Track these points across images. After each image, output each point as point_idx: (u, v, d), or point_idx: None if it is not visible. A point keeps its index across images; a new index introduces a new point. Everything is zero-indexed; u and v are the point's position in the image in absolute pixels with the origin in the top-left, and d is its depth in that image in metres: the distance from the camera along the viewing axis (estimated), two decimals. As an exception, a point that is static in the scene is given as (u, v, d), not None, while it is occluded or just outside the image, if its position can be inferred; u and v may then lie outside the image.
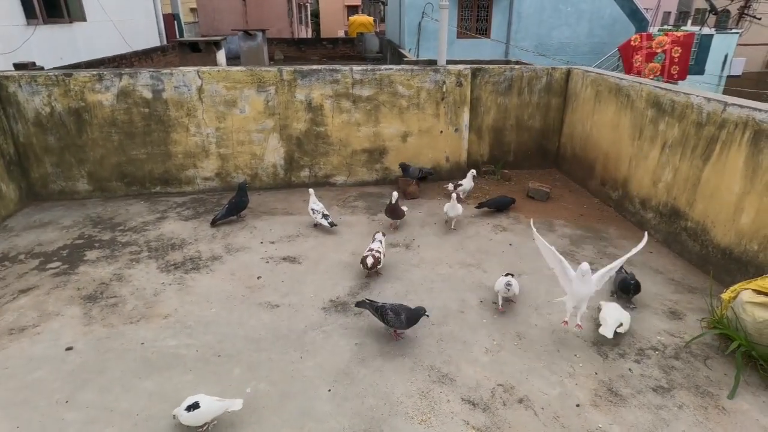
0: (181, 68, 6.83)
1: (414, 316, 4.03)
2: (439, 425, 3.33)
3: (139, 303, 4.68)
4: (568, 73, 7.94)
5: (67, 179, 6.97)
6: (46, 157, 6.79)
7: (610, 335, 4.04)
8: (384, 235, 5.42)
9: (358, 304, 4.34)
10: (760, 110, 4.61)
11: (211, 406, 3.19)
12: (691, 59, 18.01)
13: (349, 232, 6.20)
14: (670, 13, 44.95)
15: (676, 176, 5.65)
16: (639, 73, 16.02)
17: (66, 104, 6.58)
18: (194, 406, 3.12)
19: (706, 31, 25.83)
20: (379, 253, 5.05)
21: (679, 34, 16.44)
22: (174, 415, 3.19)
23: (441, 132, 7.66)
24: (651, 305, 4.70)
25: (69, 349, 4.05)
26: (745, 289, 4.02)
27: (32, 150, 6.72)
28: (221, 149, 7.21)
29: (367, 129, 7.45)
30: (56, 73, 6.55)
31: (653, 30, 22.95)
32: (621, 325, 4.16)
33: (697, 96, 5.34)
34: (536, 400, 3.57)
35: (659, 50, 15.94)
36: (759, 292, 3.90)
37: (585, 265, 3.92)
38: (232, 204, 6.32)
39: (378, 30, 34.03)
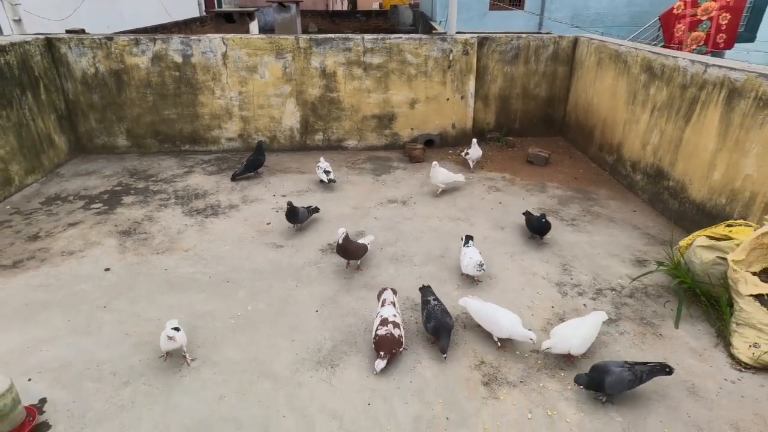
0: (208, 35, 7.48)
1: (441, 330, 3.66)
2: (406, 338, 3.92)
3: (164, 239, 5.44)
4: (576, 41, 8.14)
5: (108, 135, 7.81)
6: (91, 114, 7.63)
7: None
8: (395, 293, 4.08)
9: (421, 289, 4.14)
10: (735, 69, 4.86)
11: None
12: (741, 25, 16.95)
13: (354, 189, 6.78)
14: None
15: (662, 138, 5.94)
16: (680, 44, 15.42)
17: (108, 66, 7.36)
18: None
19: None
20: (398, 327, 3.65)
21: None
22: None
23: (447, 99, 8.07)
24: (620, 255, 5.11)
25: (107, 270, 4.85)
26: (700, 236, 4.39)
27: (79, 107, 7.56)
28: (243, 112, 7.87)
29: (377, 96, 7.94)
30: (99, 37, 7.32)
31: (701, -5, 21.96)
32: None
33: (684, 59, 5.58)
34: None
35: (705, 17, 15.16)
36: (711, 238, 4.27)
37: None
38: (250, 161, 7.00)
39: (412, 2, 33.88)
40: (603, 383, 3.19)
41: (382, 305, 3.91)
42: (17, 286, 4.58)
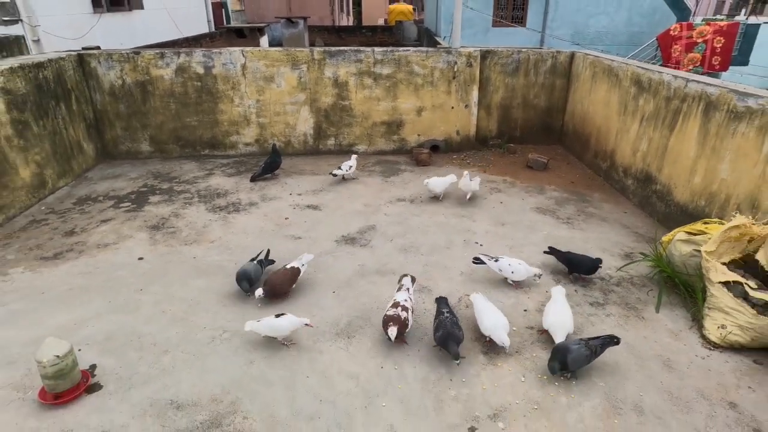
0: (229, 48, 8.05)
1: (448, 340, 3.72)
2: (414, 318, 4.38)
3: (191, 232, 5.93)
4: (572, 56, 8.68)
5: (132, 141, 8.35)
6: (117, 122, 8.17)
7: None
8: (414, 280, 4.41)
9: (438, 300, 4.26)
10: (711, 85, 5.37)
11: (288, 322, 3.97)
12: (734, 49, 17.74)
13: (364, 189, 7.28)
14: (724, 1, 43.40)
15: (650, 146, 6.42)
16: (677, 63, 16.06)
17: (134, 77, 7.92)
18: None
19: (753, 20, 25.23)
20: (406, 311, 3.94)
21: (722, 23, 16.32)
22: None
23: (452, 108, 8.59)
24: (610, 249, 5.57)
25: (140, 259, 5.34)
26: (680, 232, 4.85)
27: (106, 116, 8.11)
28: (260, 119, 8.41)
29: (386, 103, 8.47)
30: (127, 52, 7.89)
31: (695, 20, 22.70)
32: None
33: (667, 74, 6.09)
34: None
35: (700, 40, 15.88)
36: (689, 233, 4.73)
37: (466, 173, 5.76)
38: (267, 164, 7.52)
39: (417, 18, 34.72)
40: (566, 361, 3.57)
41: (398, 290, 4.30)
42: (59, 274, 5.06)
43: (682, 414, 3.41)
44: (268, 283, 4.52)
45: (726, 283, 4.09)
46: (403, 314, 3.93)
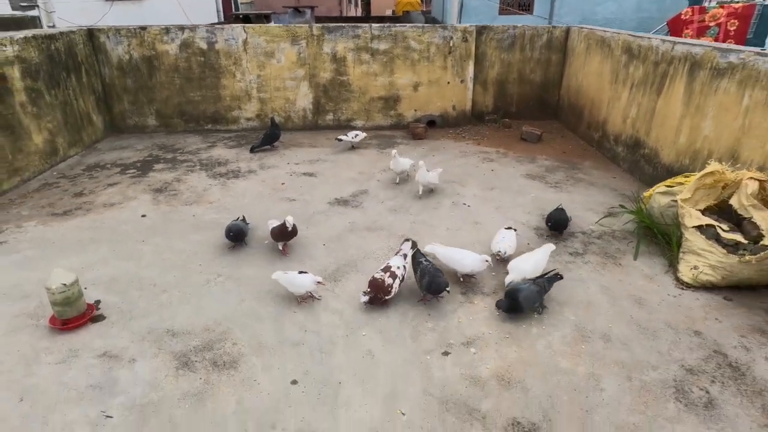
0: (231, 24, 8.29)
1: (435, 286, 3.84)
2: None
3: (192, 194, 6.20)
4: (568, 30, 8.80)
5: (139, 115, 8.64)
6: (124, 96, 8.47)
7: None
8: (414, 245, 4.31)
9: (413, 255, 4.19)
10: (696, 45, 5.49)
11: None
12: (749, 32, 17.42)
13: (360, 159, 7.50)
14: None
15: (639, 111, 6.56)
16: (688, 48, 15.94)
17: (141, 52, 8.21)
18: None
19: (769, 2, 24.82)
20: (394, 278, 3.92)
21: (736, 5, 16.10)
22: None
23: (448, 83, 8.76)
24: (594, 209, 5.73)
25: (143, 216, 5.62)
26: (660, 186, 5.01)
27: (114, 90, 8.41)
28: (261, 94, 8.65)
29: (383, 79, 8.67)
30: (134, 27, 8.17)
31: (709, 3, 22.42)
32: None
33: (656, 39, 6.22)
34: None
35: (713, 24, 15.66)
36: (668, 186, 4.89)
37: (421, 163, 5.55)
38: (267, 135, 7.76)
39: (424, 9, 34.73)
40: (518, 301, 3.71)
41: (396, 254, 4.27)
42: (69, 227, 5.36)
43: (647, 341, 3.59)
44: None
45: (699, 227, 4.25)
46: (389, 281, 3.87)
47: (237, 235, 4.86)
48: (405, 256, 4.25)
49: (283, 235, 4.74)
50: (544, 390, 3.17)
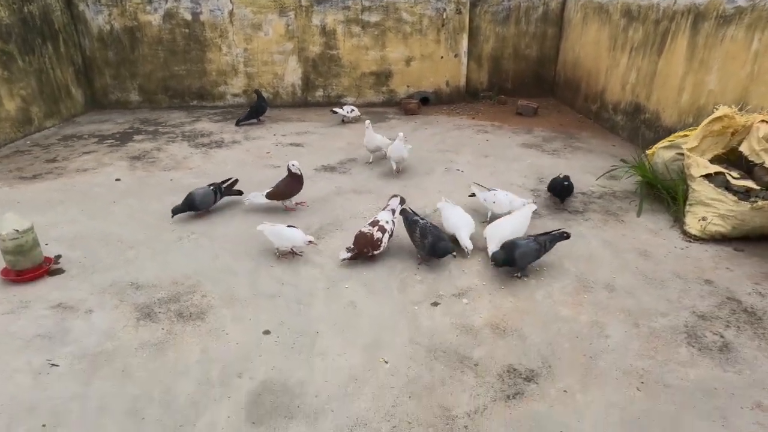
0: (216, -6, 8.00)
1: (440, 250, 3.50)
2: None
3: (171, 161, 5.88)
4: (564, 2, 8.53)
5: (122, 90, 8.33)
6: (106, 70, 8.15)
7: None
8: (403, 201, 4.08)
9: (402, 212, 3.93)
10: (700, -3, 5.25)
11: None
12: None
13: (350, 132, 7.20)
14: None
15: (638, 75, 6.29)
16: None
17: (122, 23, 7.90)
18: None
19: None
20: (383, 233, 3.63)
21: None
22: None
23: (442, 57, 8.48)
24: (594, 172, 5.43)
25: (118, 180, 5.31)
26: (664, 142, 4.73)
27: (95, 63, 8.10)
28: (248, 68, 8.35)
29: (374, 53, 8.38)
30: (115, -4, 7.88)
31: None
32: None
33: (656, -4, 5.97)
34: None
35: None
36: (671, 141, 4.61)
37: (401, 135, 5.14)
38: (254, 108, 7.46)
39: None
40: (513, 256, 3.34)
41: (384, 209, 4.02)
42: (38, 190, 5.05)
43: (654, 290, 3.30)
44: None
45: (708, 176, 3.97)
46: (378, 234, 3.62)
47: (191, 205, 4.36)
48: (393, 211, 3.95)
49: (291, 185, 4.47)
50: (544, 338, 2.87)
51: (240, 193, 4.79)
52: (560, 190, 4.56)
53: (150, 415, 2.35)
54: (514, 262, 3.39)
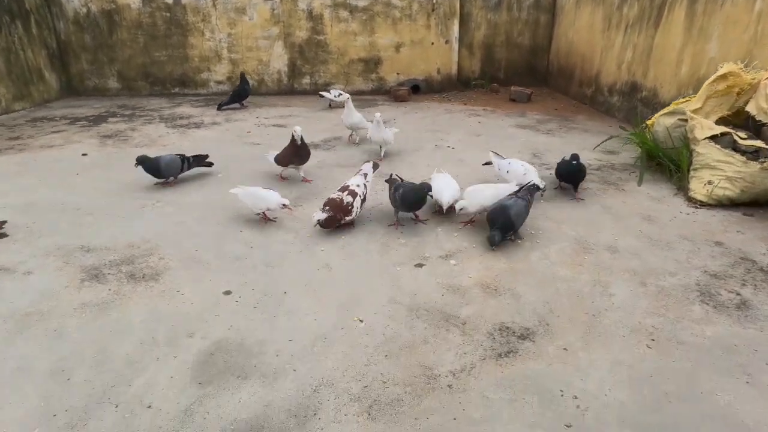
0: (197, -24, 7.73)
1: (408, 196, 3.27)
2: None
3: (145, 140, 5.55)
4: (557, -11, 8.35)
5: (100, 77, 8.01)
6: (82, 55, 7.84)
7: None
8: (376, 166, 3.88)
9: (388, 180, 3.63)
10: (698, -39, 5.02)
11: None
12: None
13: (335, 116, 6.79)
14: None
15: (634, 53, 6.06)
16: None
17: (100, 6, 7.60)
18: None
19: None
20: (354, 196, 3.33)
21: None
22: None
23: (432, 43, 8.24)
24: (590, 148, 5.15)
25: (84, 155, 4.97)
26: (663, 110, 4.47)
27: (71, 47, 7.78)
28: (232, 54, 8.06)
29: (363, 39, 8.13)
30: (92, -24, 7.59)
31: None
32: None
33: (652, -30, 5.75)
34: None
35: None
36: (672, 108, 4.34)
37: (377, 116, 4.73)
38: (236, 92, 7.16)
39: None
40: (510, 219, 2.98)
41: (356, 174, 3.74)
42: (-7, 164, 4.70)
43: (660, 251, 2.99)
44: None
45: (713, 138, 3.68)
46: (348, 199, 3.28)
47: (155, 171, 4.05)
48: (365, 175, 3.64)
49: (291, 152, 4.13)
50: (540, 297, 2.55)
51: (210, 164, 4.47)
52: (572, 174, 3.81)
53: (78, 375, 2.00)
54: (511, 225, 3.01)
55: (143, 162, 4.00)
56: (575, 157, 3.77)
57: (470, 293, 2.57)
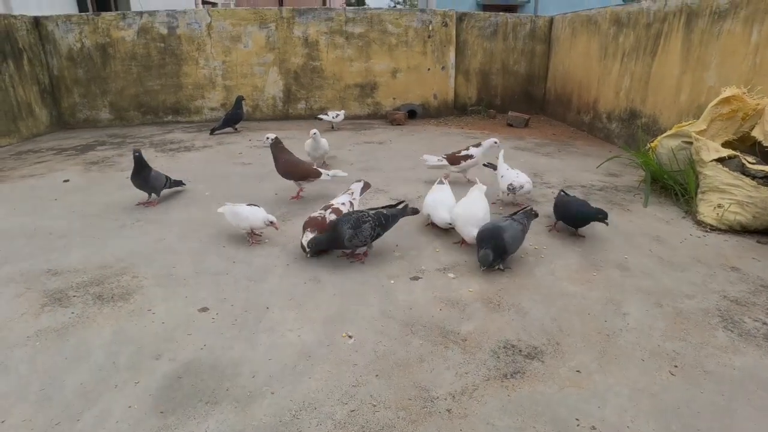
0: (194, 7, 7.77)
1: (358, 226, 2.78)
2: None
3: (131, 164, 5.32)
4: (551, 20, 8.42)
5: (91, 108, 7.90)
6: (75, 88, 7.74)
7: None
8: (366, 187, 3.63)
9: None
10: (690, -6, 5.02)
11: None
12: None
13: (332, 137, 6.70)
14: None
15: (632, 80, 6.01)
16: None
17: (94, 40, 7.57)
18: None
19: None
20: (336, 215, 3.08)
21: None
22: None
23: (428, 69, 8.23)
24: (591, 171, 5.00)
25: (66, 181, 4.77)
26: (666, 133, 4.34)
27: (64, 82, 7.69)
28: (226, 81, 8.02)
29: (359, 64, 8.12)
30: (87, 14, 7.59)
31: None
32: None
33: (645, 1, 5.75)
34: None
35: None
36: (675, 131, 4.22)
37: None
38: (229, 116, 7.06)
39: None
40: (503, 243, 2.62)
41: (343, 193, 3.55)
42: (-31, 192, 4.48)
43: (674, 272, 2.77)
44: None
45: (720, 160, 3.52)
46: (331, 217, 3.04)
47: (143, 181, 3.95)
48: (352, 193, 3.44)
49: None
50: (547, 313, 2.31)
51: (181, 183, 4.32)
52: (573, 217, 3.23)
53: (15, 416, 1.73)
54: (504, 249, 2.64)
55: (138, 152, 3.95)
56: (565, 194, 3.45)
57: (471, 308, 2.34)
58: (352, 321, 2.23)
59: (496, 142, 4.35)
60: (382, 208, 2.96)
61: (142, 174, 3.90)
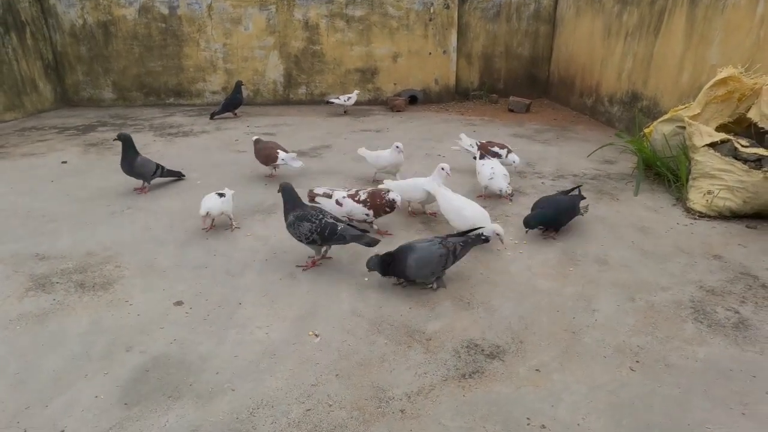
0: (194, -12, 7.70)
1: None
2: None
3: (128, 148, 5.43)
4: (557, 0, 8.21)
5: (95, 87, 7.96)
6: (78, 66, 7.81)
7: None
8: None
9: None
10: (697, -33, 4.84)
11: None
12: None
13: (328, 124, 6.78)
14: None
15: (635, 61, 5.87)
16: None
17: (96, 17, 7.58)
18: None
19: None
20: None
21: None
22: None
23: (430, 53, 8.11)
24: (592, 158, 4.94)
25: (64, 162, 4.85)
26: (661, 118, 4.26)
27: (67, 59, 7.75)
28: (227, 64, 8.00)
29: (359, 48, 8.03)
30: (88, -10, 7.59)
31: None
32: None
33: (651, -24, 5.58)
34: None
35: None
36: (670, 116, 4.13)
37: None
38: (228, 101, 7.05)
39: None
40: (405, 263, 2.38)
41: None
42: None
43: (654, 264, 2.76)
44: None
45: (713, 145, 3.46)
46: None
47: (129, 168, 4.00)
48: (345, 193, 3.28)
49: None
50: (516, 311, 2.33)
51: (180, 174, 4.36)
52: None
53: None
54: (402, 270, 2.42)
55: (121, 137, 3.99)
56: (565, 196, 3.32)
57: (441, 306, 2.36)
58: (321, 319, 2.27)
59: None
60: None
61: (126, 159, 3.96)
